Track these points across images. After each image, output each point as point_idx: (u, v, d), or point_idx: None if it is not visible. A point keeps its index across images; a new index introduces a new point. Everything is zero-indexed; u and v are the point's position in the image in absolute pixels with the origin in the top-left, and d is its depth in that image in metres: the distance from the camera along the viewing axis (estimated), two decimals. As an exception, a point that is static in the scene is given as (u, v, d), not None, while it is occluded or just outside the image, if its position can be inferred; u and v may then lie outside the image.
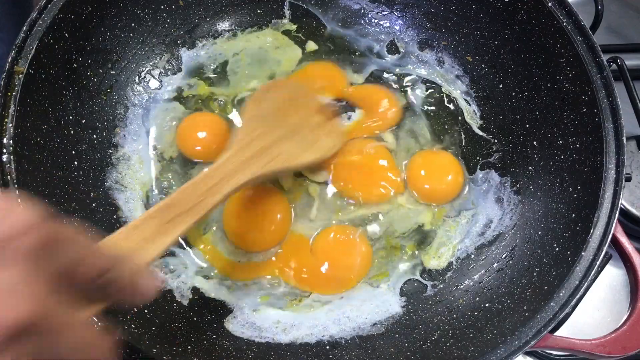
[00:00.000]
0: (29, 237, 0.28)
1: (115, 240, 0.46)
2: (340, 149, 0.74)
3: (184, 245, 0.71)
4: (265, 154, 0.63)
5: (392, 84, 0.82)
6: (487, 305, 0.66)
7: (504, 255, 0.70)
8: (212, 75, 0.81)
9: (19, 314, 0.27)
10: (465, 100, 0.81)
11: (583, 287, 0.57)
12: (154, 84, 0.79)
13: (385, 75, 0.82)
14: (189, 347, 0.62)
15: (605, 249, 0.59)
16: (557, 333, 0.59)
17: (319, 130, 0.72)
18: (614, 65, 0.78)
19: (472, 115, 0.80)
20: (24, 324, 0.27)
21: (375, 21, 0.85)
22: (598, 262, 0.58)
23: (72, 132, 0.70)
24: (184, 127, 0.77)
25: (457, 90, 0.82)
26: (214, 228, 0.72)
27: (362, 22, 0.85)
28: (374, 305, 0.69)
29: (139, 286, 0.37)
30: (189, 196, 0.53)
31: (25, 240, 0.28)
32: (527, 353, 0.73)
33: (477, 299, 0.68)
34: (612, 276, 0.77)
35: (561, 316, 0.56)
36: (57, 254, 0.30)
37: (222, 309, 0.68)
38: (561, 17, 0.69)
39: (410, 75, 0.83)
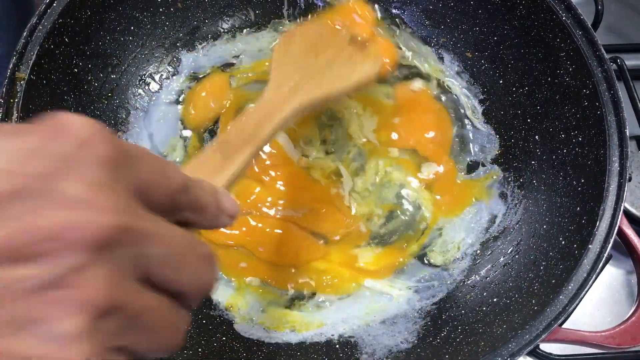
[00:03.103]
0: (102, 145, 0.26)
1: (186, 169, 0.45)
2: (378, 70, 0.74)
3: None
4: (307, 84, 0.64)
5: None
6: (495, 300, 0.66)
7: (509, 250, 0.70)
8: (212, 77, 0.81)
9: (105, 220, 0.24)
10: (466, 96, 0.81)
11: (591, 280, 0.57)
12: (154, 87, 0.79)
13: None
14: (200, 349, 0.62)
15: (612, 241, 0.59)
16: (560, 330, 0.60)
17: (353, 58, 0.72)
18: (614, 65, 0.78)
19: (473, 111, 0.81)
20: (114, 230, 0.25)
21: (374, 19, 0.85)
22: (605, 255, 0.58)
23: (74, 137, 0.69)
24: None
25: (457, 86, 0.82)
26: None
27: (361, 20, 0.85)
28: (381, 303, 0.70)
29: (222, 203, 0.34)
30: (242, 131, 0.55)
31: (99, 147, 0.26)
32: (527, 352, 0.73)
33: (485, 294, 0.68)
34: (612, 276, 0.78)
35: (571, 309, 0.56)
36: (133, 167, 0.27)
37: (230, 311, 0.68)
38: (560, 12, 0.69)
39: (410, 72, 0.83)
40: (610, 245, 0.59)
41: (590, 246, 0.59)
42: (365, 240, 0.74)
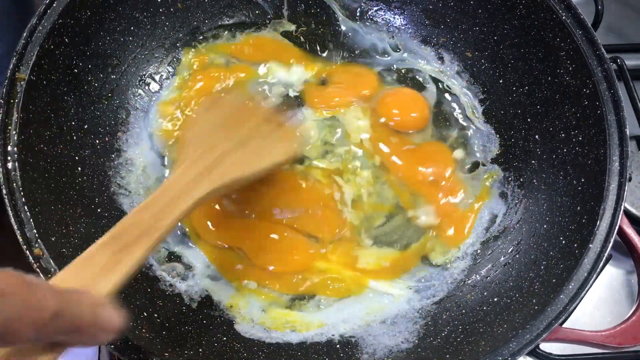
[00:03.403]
0: None
1: (66, 277, 0.43)
2: (295, 153, 0.72)
3: (190, 244, 0.71)
4: (216, 167, 0.59)
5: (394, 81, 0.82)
6: (495, 299, 0.66)
7: (510, 250, 0.70)
8: (212, 77, 0.81)
9: None
10: (466, 95, 0.81)
11: (592, 279, 0.57)
12: (154, 87, 0.79)
13: (386, 73, 0.83)
14: (200, 350, 0.62)
15: (612, 240, 0.59)
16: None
17: (269, 137, 0.68)
18: (614, 65, 0.78)
19: (473, 110, 0.81)
20: None
21: (374, 19, 0.85)
22: (606, 254, 0.58)
23: (74, 137, 0.69)
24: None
25: (457, 86, 0.82)
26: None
27: (361, 20, 0.85)
28: (382, 303, 0.70)
29: (101, 321, 0.33)
30: (139, 221, 0.50)
31: None
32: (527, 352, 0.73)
33: (485, 293, 0.68)
34: (612, 276, 0.78)
35: (572, 308, 0.56)
36: None
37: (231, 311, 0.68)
38: (560, 11, 0.70)
39: (410, 72, 0.83)
40: (610, 244, 0.59)
41: (590, 245, 0.60)
42: (357, 244, 0.73)
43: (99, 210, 0.69)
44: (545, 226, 0.68)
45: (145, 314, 0.62)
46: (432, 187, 0.76)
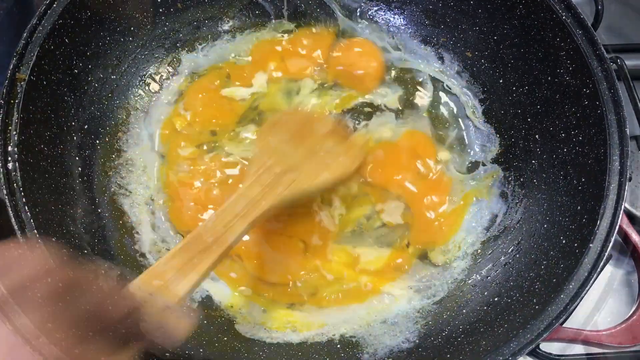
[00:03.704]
0: (48, 281, 0.27)
1: (142, 281, 0.46)
2: (360, 165, 0.74)
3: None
4: (283, 179, 0.63)
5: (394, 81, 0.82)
6: (496, 299, 0.66)
7: (510, 249, 0.70)
8: (212, 77, 0.81)
9: None
10: (466, 95, 0.81)
11: (593, 279, 0.57)
12: (154, 87, 0.79)
13: (386, 72, 0.83)
14: (201, 350, 0.62)
15: (612, 240, 0.59)
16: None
17: (334, 151, 0.71)
18: (614, 65, 0.78)
19: (473, 110, 0.81)
20: None
21: (374, 19, 0.85)
22: (606, 254, 0.58)
23: (75, 138, 0.69)
24: None
25: (457, 86, 0.82)
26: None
27: (360, 20, 0.85)
28: (382, 303, 0.70)
29: (170, 324, 0.36)
30: (211, 230, 0.54)
31: (45, 284, 0.27)
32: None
33: (486, 293, 0.68)
34: (612, 276, 0.78)
35: (572, 308, 0.56)
36: (80, 297, 0.29)
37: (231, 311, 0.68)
38: (560, 11, 0.69)
39: (410, 72, 0.83)
40: (611, 244, 0.59)
41: (591, 245, 0.59)
42: (352, 245, 0.73)
43: (99, 210, 0.69)
44: (545, 226, 0.68)
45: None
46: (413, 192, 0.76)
